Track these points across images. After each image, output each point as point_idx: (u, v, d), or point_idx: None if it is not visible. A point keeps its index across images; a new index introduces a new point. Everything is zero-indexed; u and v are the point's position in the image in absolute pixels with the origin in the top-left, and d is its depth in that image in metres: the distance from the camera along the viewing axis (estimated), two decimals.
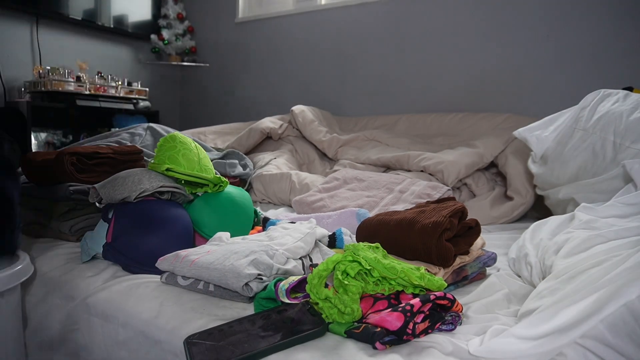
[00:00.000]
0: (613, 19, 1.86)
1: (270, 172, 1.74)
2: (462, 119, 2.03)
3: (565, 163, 1.19)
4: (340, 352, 0.57)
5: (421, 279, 0.63)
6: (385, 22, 2.49)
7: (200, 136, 2.20)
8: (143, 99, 3.08)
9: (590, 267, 0.65)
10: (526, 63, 2.08)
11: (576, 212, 0.90)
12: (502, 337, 0.55)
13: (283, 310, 0.64)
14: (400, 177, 1.51)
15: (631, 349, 0.53)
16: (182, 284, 0.78)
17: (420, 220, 0.80)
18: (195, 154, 1.06)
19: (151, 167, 1.03)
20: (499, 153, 1.63)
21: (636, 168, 0.92)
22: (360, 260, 0.64)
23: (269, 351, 0.57)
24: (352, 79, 2.65)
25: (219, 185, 1.06)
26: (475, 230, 0.85)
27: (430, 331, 0.61)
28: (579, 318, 0.54)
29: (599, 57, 1.90)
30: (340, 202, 1.39)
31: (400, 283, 0.64)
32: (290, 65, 2.93)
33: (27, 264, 0.82)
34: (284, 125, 2.18)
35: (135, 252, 0.87)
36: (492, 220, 1.43)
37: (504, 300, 0.75)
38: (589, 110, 1.20)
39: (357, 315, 0.60)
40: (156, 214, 0.93)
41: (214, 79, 3.38)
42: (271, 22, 3.00)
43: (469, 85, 2.24)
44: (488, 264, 0.87)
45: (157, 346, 0.68)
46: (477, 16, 2.20)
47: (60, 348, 0.85)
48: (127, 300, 0.77)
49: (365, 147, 1.95)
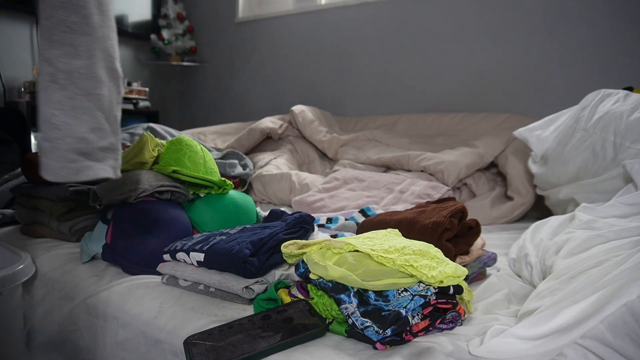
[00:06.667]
0: (613, 19, 1.86)
1: (270, 172, 1.74)
2: (462, 119, 2.03)
3: (566, 163, 1.19)
4: (340, 352, 0.57)
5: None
6: (385, 22, 2.49)
7: (200, 136, 2.20)
8: (143, 99, 3.08)
9: (590, 268, 0.65)
10: (526, 63, 2.08)
11: (576, 212, 0.90)
12: (503, 337, 0.55)
13: (283, 311, 0.64)
14: (401, 177, 1.51)
15: (631, 349, 0.52)
16: (183, 285, 0.78)
17: (421, 220, 0.80)
18: (201, 156, 1.08)
19: (157, 169, 1.04)
20: (499, 153, 1.63)
21: (636, 168, 0.92)
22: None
23: (269, 351, 0.57)
24: (352, 79, 2.65)
25: (223, 187, 1.08)
26: (476, 231, 0.85)
27: (431, 329, 0.61)
28: (579, 318, 0.54)
29: (599, 57, 1.90)
30: (340, 202, 1.39)
31: None
32: (290, 65, 2.93)
33: (29, 264, 0.82)
34: (284, 125, 2.18)
35: (135, 254, 0.87)
36: (492, 220, 1.43)
37: (504, 301, 0.75)
38: (589, 110, 1.20)
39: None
40: (155, 215, 0.93)
41: (214, 79, 3.38)
42: (271, 22, 3.00)
43: (469, 85, 2.24)
44: (488, 264, 0.87)
45: (157, 346, 0.68)
46: (477, 16, 2.20)
47: (60, 348, 0.85)
48: (127, 301, 0.76)
49: (365, 147, 1.94)
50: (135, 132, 1.70)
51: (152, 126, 1.76)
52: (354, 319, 0.57)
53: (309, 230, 0.85)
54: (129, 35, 3.25)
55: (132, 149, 1.07)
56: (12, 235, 1.14)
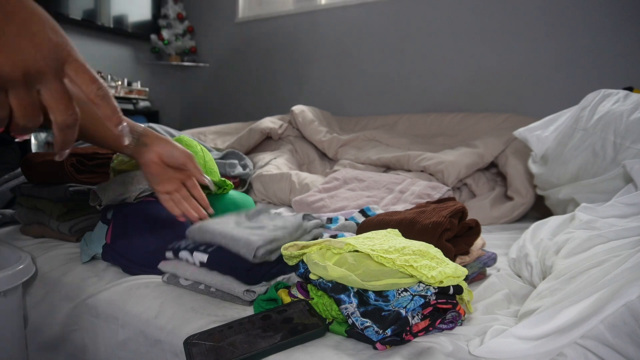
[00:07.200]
0: (613, 19, 1.86)
1: (270, 172, 1.74)
2: (462, 119, 2.03)
3: (566, 163, 1.19)
4: (340, 352, 0.57)
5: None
6: (385, 22, 2.49)
7: (200, 136, 2.20)
8: (143, 99, 3.08)
9: (590, 268, 0.65)
10: (526, 63, 2.08)
11: (576, 212, 0.90)
12: (502, 337, 0.55)
13: (283, 311, 0.64)
14: (401, 177, 1.51)
15: (631, 349, 0.52)
16: (183, 284, 0.78)
17: (421, 220, 0.80)
18: (201, 156, 1.08)
19: None
20: (499, 153, 1.63)
21: (636, 168, 0.92)
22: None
23: (269, 351, 0.57)
24: (352, 79, 2.65)
25: (223, 187, 1.08)
26: (476, 231, 0.85)
27: (431, 329, 0.61)
28: (579, 318, 0.54)
29: (599, 57, 1.90)
30: (340, 202, 1.39)
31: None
32: (291, 65, 2.92)
33: (29, 264, 0.82)
34: (284, 125, 2.18)
35: (135, 254, 0.87)
36: (492, 220, 1.43)
37: (504, 301, 0.75)
38: (589, 110, 1.20)
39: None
40: (155, 215, 0.93)
41: (214, 79, 3.38)
42: (271, 22, 3.00)
43: (469, 85, 2.24)
44: (488, 264, 0.87)
45: (157, 346, 0.68)
46: (477, 16, 2.20)
47: (60, 348, 0.85)
48: (127, 301, 0.76)
49: (365, 147, 1.94)
50: None
51: (152, 126, 1.75)
52: (354, 319, 0.57)
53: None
54: (129, 35, 3.25)
55: None
56: (12, 235, 1.14)
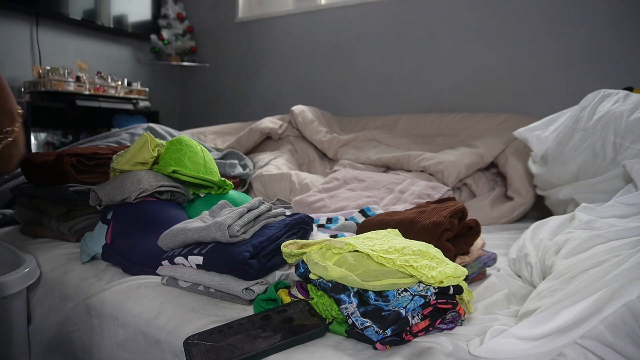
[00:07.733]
0: (612, 19, 1.86)
1: (270, 172, 1.74)
2: (462, 119, 2.03)
3: (566, 163, 1.19)
4: (340, 352, 0.57)
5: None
6: (385, 22, 2.49)
7: (200, 136, 2.20)
8: (143, 99, 3.08)
9: (590, 268, 0.65)
10: (526, 63, 2.08)
11: (576, 212, 0.90)
12: (502, 337, 0.55)
13: (283, 311, 0.64)
14: (401, 177, 1.51)
15: (631, 349, 0.52)
16: (182, 285, 0.78)
17: (421, 220, 0.80)
18: (201, 156, 1.08)
19: (157, 169, 1.04)
20: (499, 153, 1.63)
21: (636, 168, 0.92)
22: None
23: (269, 351, 0.56)
24: (352, 79, 2.65)
25: (223, 188, 1.09)
26: (475, 231, 0.85)
27: (431, 329, 0.61)
28: (579, 318, 0.54)
29: (599, 57, 1.90)
30: (340, 202, 1.39)
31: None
32: (290, 65, 2.93)
33: (34, 267, 0.82)
34: (284, 125, 2.18)
35: (135, 254, 0.87)
36: (492, 220, 1.43)
37: (504, 301, 0.75)
38: (589, 110, 1.20)
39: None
40: (155, 215, 0.93)
41: (214, 79, 3.38)
42: (271, 22, 3.00)
43: (469, 85, 2.24)
44: (488, 264, 0.87)
45: (157, 346, 0.68)
46: (477, 16, 2.20)
47: (60, 348, 0.85)
48: (127, 301, 0.76)
49: (365, 147, 1.94)
50: (135, 132, 1.70)
51: (152, 126, 1.76)
52: (354, 319, 0.57)
53: (308, 230, 0.85)
54: (129, 35, 3.25)
55: (132, 149, 1.07)
56: (12, 235, 1.14)
